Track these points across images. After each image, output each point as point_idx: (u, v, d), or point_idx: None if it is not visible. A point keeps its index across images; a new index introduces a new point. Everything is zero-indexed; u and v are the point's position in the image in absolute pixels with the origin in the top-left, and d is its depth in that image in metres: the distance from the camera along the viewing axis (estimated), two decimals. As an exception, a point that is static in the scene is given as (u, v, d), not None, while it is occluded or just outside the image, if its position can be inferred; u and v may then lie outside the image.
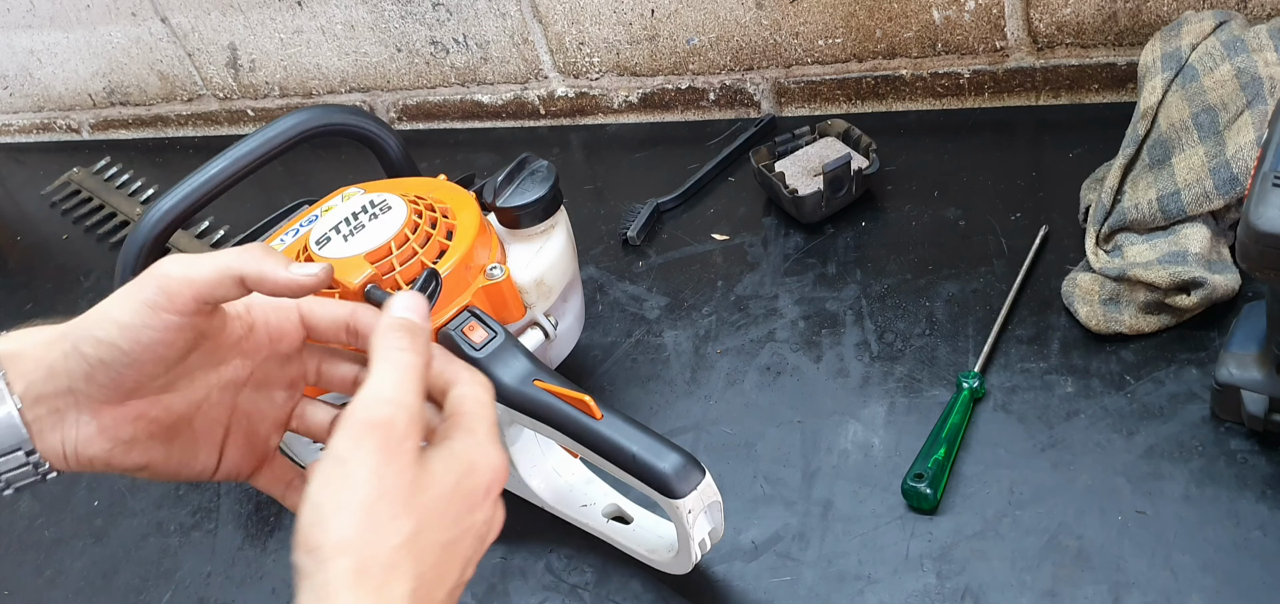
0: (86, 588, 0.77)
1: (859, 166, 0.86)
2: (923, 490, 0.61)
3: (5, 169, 1.53)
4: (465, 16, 1.10)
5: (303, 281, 0.46)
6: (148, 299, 0.43)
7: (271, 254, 0.45)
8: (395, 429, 0.40)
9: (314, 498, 0.39)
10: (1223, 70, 0.68)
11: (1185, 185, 0.68)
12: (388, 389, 0.41)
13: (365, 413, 0.40)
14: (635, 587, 0.63)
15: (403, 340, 0.44)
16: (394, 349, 0.43)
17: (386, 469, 0.39)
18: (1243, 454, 0.59)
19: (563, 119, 1.15)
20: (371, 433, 0.40)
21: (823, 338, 0.76)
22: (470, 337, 0.61)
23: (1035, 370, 0.68)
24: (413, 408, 0.41)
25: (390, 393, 0.41)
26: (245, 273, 0.44)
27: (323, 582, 0.37)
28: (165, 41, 1.31)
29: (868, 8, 0.93)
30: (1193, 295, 0.65)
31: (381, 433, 0.40)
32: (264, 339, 0.49)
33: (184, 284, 0.43)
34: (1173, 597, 0.54)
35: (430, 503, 0.40)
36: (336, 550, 0.38)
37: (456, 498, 0.42)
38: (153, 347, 0.43)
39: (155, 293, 0.43)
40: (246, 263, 0.44)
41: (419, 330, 0.44)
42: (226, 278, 0.44)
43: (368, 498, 0.39)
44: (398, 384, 0.42)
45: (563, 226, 0.71)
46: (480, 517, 0.43)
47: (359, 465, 0.39)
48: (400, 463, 0.40)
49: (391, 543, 0.39)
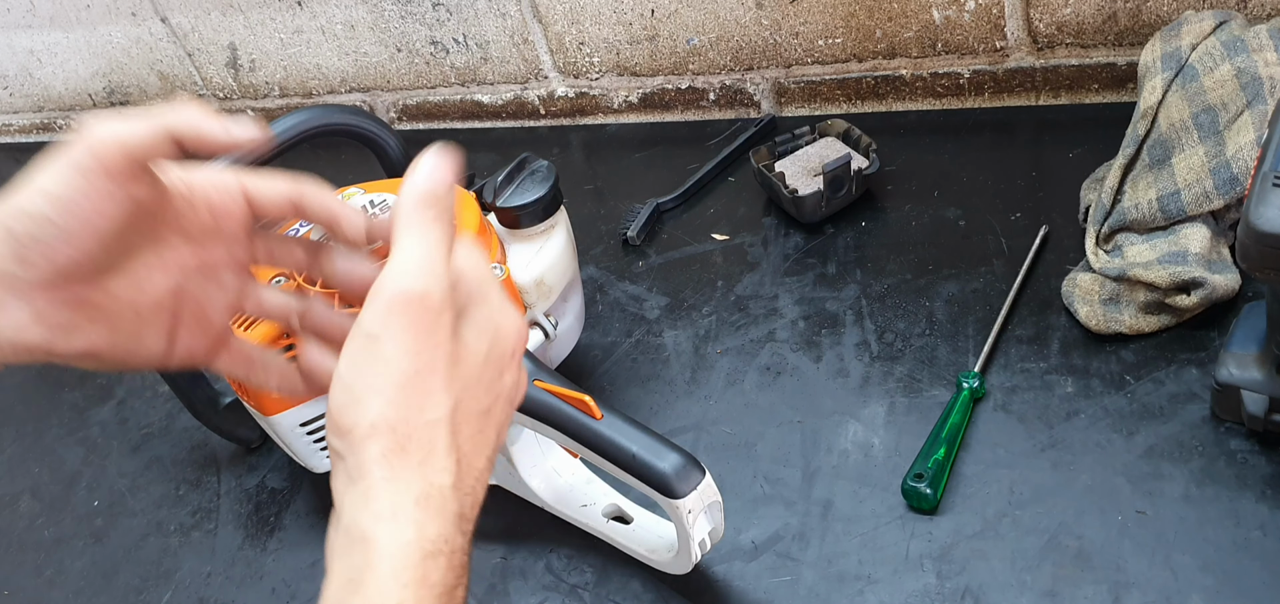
0: (86, 588, 0.77)
1: (859, 166, 0.86)
2: (923, 490, 0.61)
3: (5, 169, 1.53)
4: (465, 16, 1.10)
5: (240, 138, 0.42)
6: (78, 163, 0.40)
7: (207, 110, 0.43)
8: (430, 302, 0.38)
9: (345, 378, 0.38)
10: (1223, 70, 0.68)
11: (1185, 185, 0.68)
12: (420, 260, 0.39)
13: (397, 286, 0.38)
14: (635, 587, 0.63)
15: (430, 211, 0.41)
16: (422, 220, 0.40)
17: (421, 344, 0.38)
18: (1243, 454, 0.59)
19: (563, 119, 1.15)
20: (406, 308, 0.38)
21: (823, 338, 0.76)
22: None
23: (1035, 370, 0.68)
24: (445, 279, 0.39)
25: (423, 264, 0.39)
26: (180, 130, 0.41)
27: (357, 463, 0.37)
28: (165, 41, 1.31)
29: (868, 8, 0.93)
30: (1193, 295, 0.65)
31: (416, 307, 0.38)
32: (207, 218, 0.46)
33: (114, 145, 0.40)
34: (1173, 597, 0.54)
35: (467, 374, 0.39)
36: (372, 430, 0.37)
37: (489, 365, 0.41)
38: (87, 218, 0.40)
39: (85, 155, 0.40)
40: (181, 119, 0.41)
41: (444, 199, 0.42)
42: (160, 136, 0.41)
43: (403, 375, 0.37)
44: (428, 255, 0.39)
45: (563, 227, 0.71)
46: (510, 380, 0.42)
47: (392, 342, 0.38)
48: (435, 336, 0.38)
49: (431, 418, 0.38)
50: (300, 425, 0.66)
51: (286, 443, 0.68)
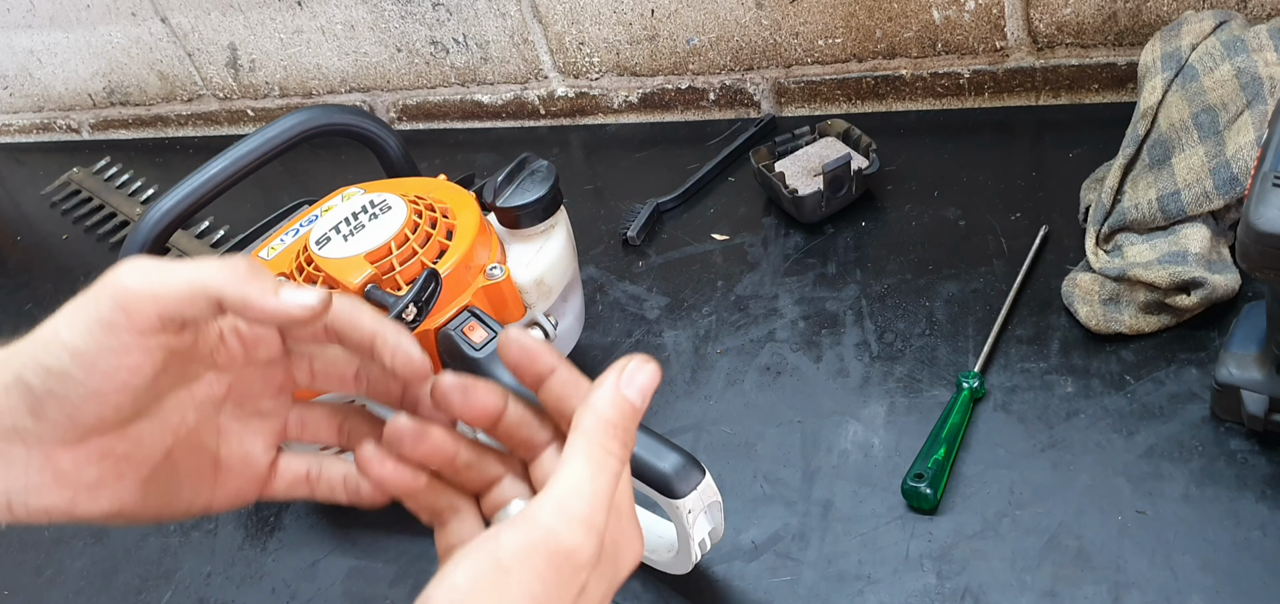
0: (86, 588, 0.77)
1: (859, 166, 0.86)
2: (923, 490, 0.61)
3: (5, 169, 1.53)
4: (465, 16, 1.10)
5: (294, 312, 0.38)
6: (103, 318, 0.36)
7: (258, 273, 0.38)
8: (577, 560, 0.35)
9: (458, 587, 0.34)
10: (1223, 70, 0.68)
11: (1185, 185, 0.68)
12: (583, 505, 0.36)
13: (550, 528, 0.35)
14: (635, 586, 0.63)
15: (615, 443, 0.37)
16: (602, 453, 0.37)
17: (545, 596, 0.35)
18: (1243, 454, 0.59)
19: (563, 119, 1.15)
20: (549, 556, 0.35)
21: (823, 338, 0.76)
22: (470, 337, 0.61)
23: (1035, 370, 0.68)
24: (602, 532, 0.36)
25: (585, 512, 0.36)
26: (225, 296, 0.37)
27: None
28: (165, 41, 1.31)
29: (868, 8, 0.93)
30: (1193, 295, 0.65)
31: (560, 560, 0.35)
32: (237, 348, 0.41)
33: (146, 301, 0.36)
34: (1173, 597, 0.54)
35: None
36: None
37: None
38: (113, 373, 0.36)
39: (112, 310, 0.36)
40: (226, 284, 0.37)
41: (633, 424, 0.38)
42: (199, 297, 0.37)
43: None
44: (595, 501, 0.36)
45: (563, 226, 0.71)
46: None
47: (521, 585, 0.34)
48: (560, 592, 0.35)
49: None
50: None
51: (286, 443, 0.68)
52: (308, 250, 0.64)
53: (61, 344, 0.36)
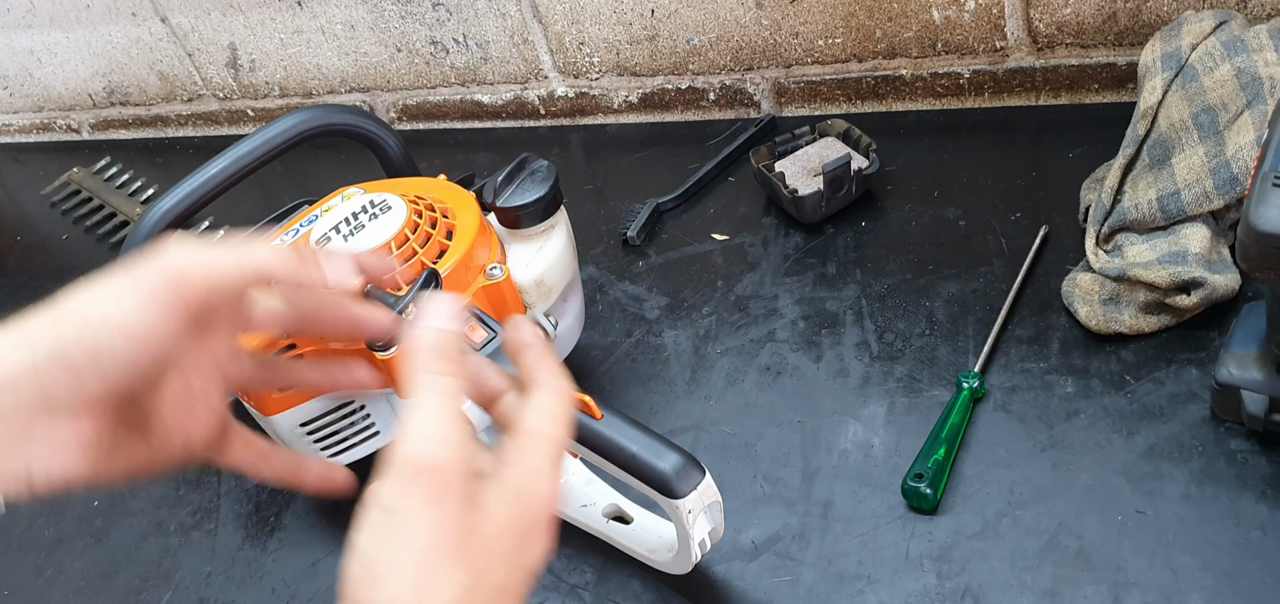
0: (86, 588, 0.77)
1: (859, 166, 0.86)
2: (923, 490, 0.61)
3: (5, 169, 1.53)
4: (465, 16, 1.10)
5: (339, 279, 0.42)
6: (159, 297, 0.38)
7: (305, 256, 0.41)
8: (441, 471, 0.37)
9: (363, 551, 0.36)
10: (1223, 70, 0.68)
11: (1185, 185, 0.68)
12: (430, 424, 0.38)
13: (409, 453, 0.37)
14: (635, 587, 0.63)
15: (442, 366, 0.39)
16: (430, 378, 0.39)
17: (438, 517, 0.36)
18: (1243, 454, 0.59)
19: (563, 119, 1.15)
20: (418, 478, 0.36)
21: (823, 338, 0.76)
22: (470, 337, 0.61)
23: (1035, 370, 0.68)
24: (457, 441, 0.38)
25: (432, 428, 0.37)
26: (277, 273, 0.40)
27: None
28: (165, 41, 1.31)
29: (868, 8, 0.93)
30: (1193, 295, 0.65)
31: (428, 476, 0.36)
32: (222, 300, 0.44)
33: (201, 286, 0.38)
34: (1173, 597, 0.54)
35: (486, 548, 0.37)
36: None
37: (514, 537, 0.38)
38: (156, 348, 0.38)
39: (167, 290, 0.38)
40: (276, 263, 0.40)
41: (455, 348, 0.40)
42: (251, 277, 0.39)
43: (421, 551, 0.35)
44: (439, 416, 0.38)
45: (563, 226, 0.71)
46: (535, 551, 0.39)
47: (410, 516, 0.36)
48: (450, 508, 0.36)
49: (447, 597, 0.35)
50: (300, 426, 0.66)
51: (287, 443, 0.68)
52: (308, 250, 0.64)
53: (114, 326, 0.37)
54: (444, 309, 0.41)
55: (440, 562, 0.36)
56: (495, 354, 0.58)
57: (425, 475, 0.36)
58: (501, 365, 0.46)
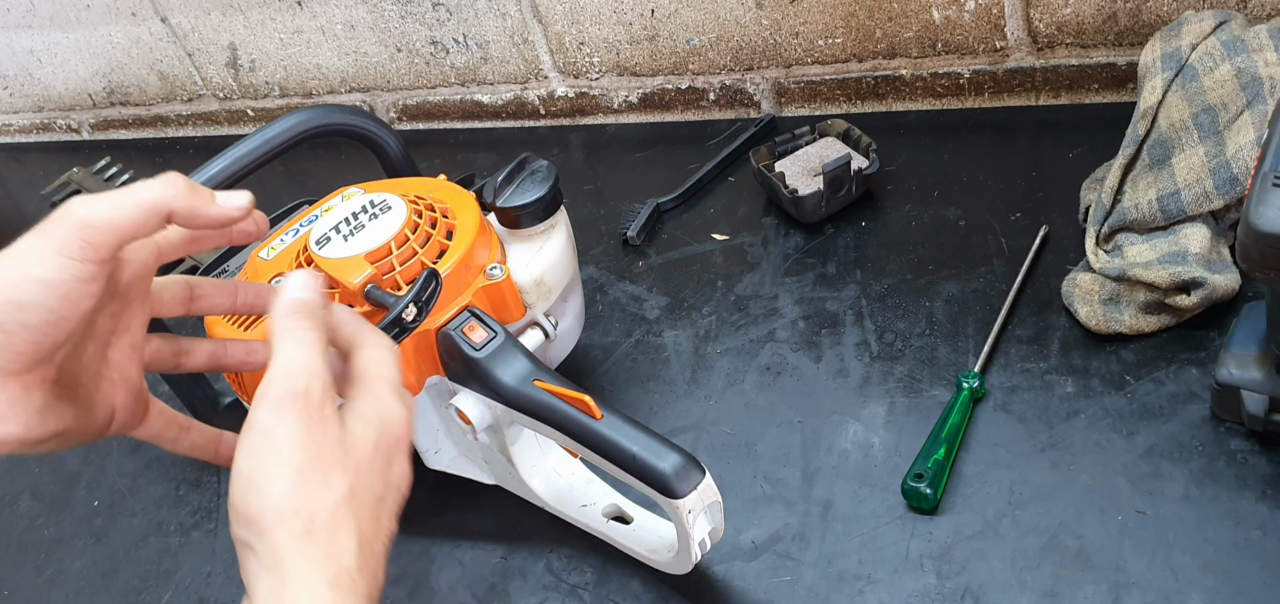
0: (86, 588, 0.77)
1: (859, 166, 0.86)
2: (923, 490, 0.61)
3: (5, 169, 1.53)
4: (465, 16, 1.10)
5: (232, 213, 0.44)
6: (70, 248, 0.39)
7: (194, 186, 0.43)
8: (313, 396, 0.40)
9: (243, 470, 0.39)
10: (1223, 70, 0.68)
11: (1185, 185, 0.68)
12: (298, 363, 0.41)
13: (281, 385, 0.40)
14: (635, 587, 0.63)
15: (302, 320, 0.43)
16: (295, 329, 0.43)
17: (311, 433, 0.40)
18: (1243, 454, 0.59)
19: (563, 119, 1.15)
20: (291, 401, 0.40)
21: (823, 338, 0.76)
22: (470, 337, 0.61)
23: (1035, 370, 0.68)
24: (324, 376, 0.42)
25: (301, 365, 0.41)
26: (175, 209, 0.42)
27: (269, 549, 0.38)
28: (165, 41, 1.31)
29: (868, 8, 0.93)
30: (1193, 295, 0.65)
31: (300, 401, 0.40)
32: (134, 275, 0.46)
33: (106, 230, 0.40)
34: (1173, 597, 0.54)
35: (358, 459, 0.41)
36: (278, 517, 0.38)
37: (378, 453, 0.42)
38: (78, 301, 0.40)
39: (76, 241, 0.39)
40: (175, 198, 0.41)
41: (314, 307, 0.44)
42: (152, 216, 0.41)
43: (299, 462, 0.39)
44: (305, 357, 0.42)
45: (563, 226, 0.71)
46: (399, 470, 0.43)
47: (283, 433, 0.39)
48: (323, 425, 0.40)
49: (331, 500, 0.39)
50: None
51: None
52: (307, 250, 0.64)
53: (32, 278, 0.39)
54: (304, 280, 0.45)
55: (318, 470, 0.39)
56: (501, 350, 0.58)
57: (296, 399, 0.40)
58: None
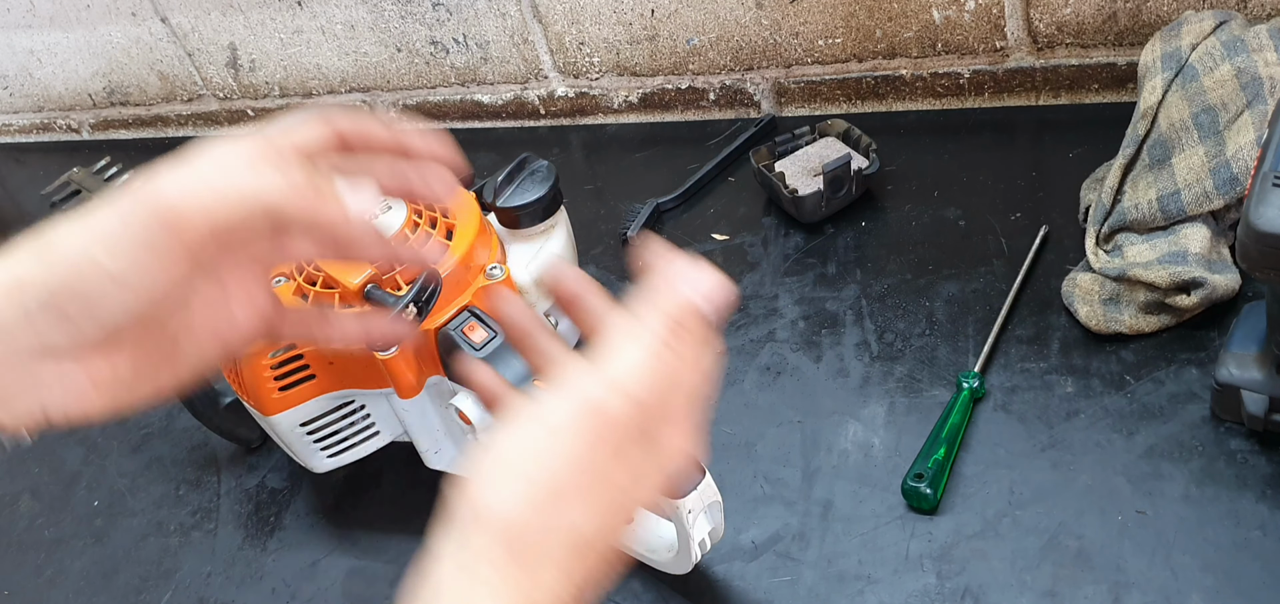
0: (86, 588, 0.77)
1: (859, 166, 0.86)
2: (923, 490, 0.61)
3: (5, 169, 1.53)
4: (465, 16, 1.10)
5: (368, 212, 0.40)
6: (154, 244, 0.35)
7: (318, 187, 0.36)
8: (619, 428, 0.36)
9: (505, 453, 0.35)
10: (1223, 70, 0.68)
11: (1185, 185, 0.68)
12: (632, 382, 0.36)
13: (598, 394, 0.36)
14: (635, 587, 0.63)
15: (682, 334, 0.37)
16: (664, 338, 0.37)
17: (589, 459, 0.35)
18: (1243, 454, 0.59)
19: (563, 119, 1.15)
20: (594, 418, 0.35)
21: (823, 338, 0.76)
22: (470, 337, 0.61)
23: (1035, 370, 0.68)
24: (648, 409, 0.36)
25: (633, 387, 0.36)
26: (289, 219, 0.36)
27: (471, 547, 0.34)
28: (165, 41, 1.31)
29: (868, 8, 0.93)
30: (1193, 295, 0.65)
31: (604, 424, 0.35)
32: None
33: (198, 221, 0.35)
34: (1173, 597, 0.54)
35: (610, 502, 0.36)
36: (504, 527, 0.34)
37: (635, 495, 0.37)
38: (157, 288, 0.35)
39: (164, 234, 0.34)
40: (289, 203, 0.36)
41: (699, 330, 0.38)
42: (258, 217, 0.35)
43: (560, 485, 0.35)
44: (646, 382, 0.36)
45: (563, 226, 0.71)
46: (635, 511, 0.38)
47: (567, 446, 0.35)
48: (604, 456, 0.35)
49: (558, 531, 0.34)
50: (300, 425, 0.66)
51: (286, 443, 0.68)
52: (308, 250, 0.64)
53: (105, 274, 0.35)
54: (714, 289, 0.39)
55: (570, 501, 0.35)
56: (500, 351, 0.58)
57: (600, 419, 0.35)
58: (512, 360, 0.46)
